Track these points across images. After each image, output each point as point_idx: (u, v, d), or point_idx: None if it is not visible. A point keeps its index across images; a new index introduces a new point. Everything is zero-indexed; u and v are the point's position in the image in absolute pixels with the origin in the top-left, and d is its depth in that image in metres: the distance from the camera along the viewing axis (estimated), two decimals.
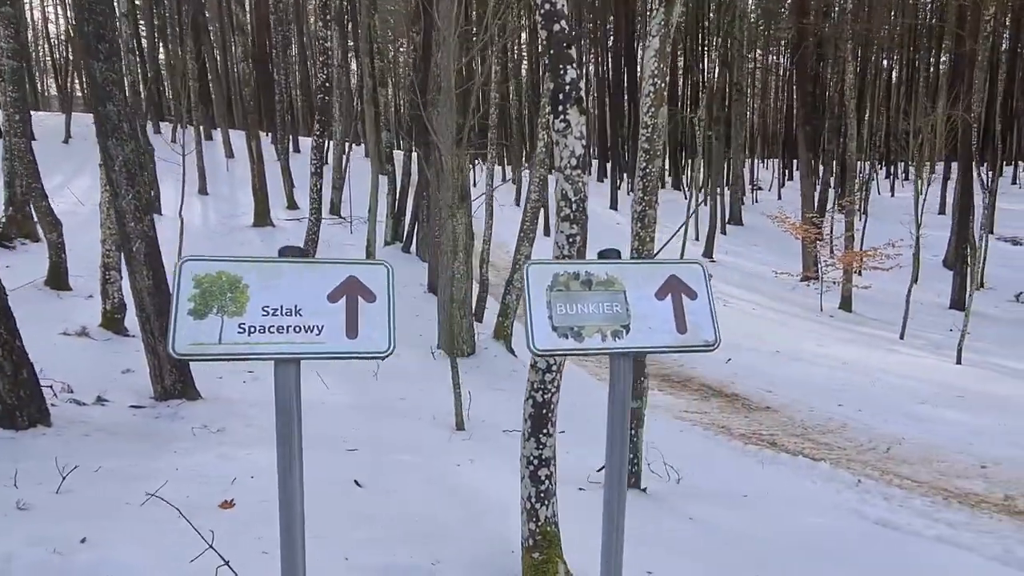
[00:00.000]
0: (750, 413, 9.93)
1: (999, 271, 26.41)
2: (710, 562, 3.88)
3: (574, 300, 2.12)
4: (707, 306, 2.21)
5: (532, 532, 3.23)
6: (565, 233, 3.17)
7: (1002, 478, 7.05)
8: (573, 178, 3.15)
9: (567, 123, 3.13)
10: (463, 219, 9.96)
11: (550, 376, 3.20)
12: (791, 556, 4.23)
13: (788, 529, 4.80)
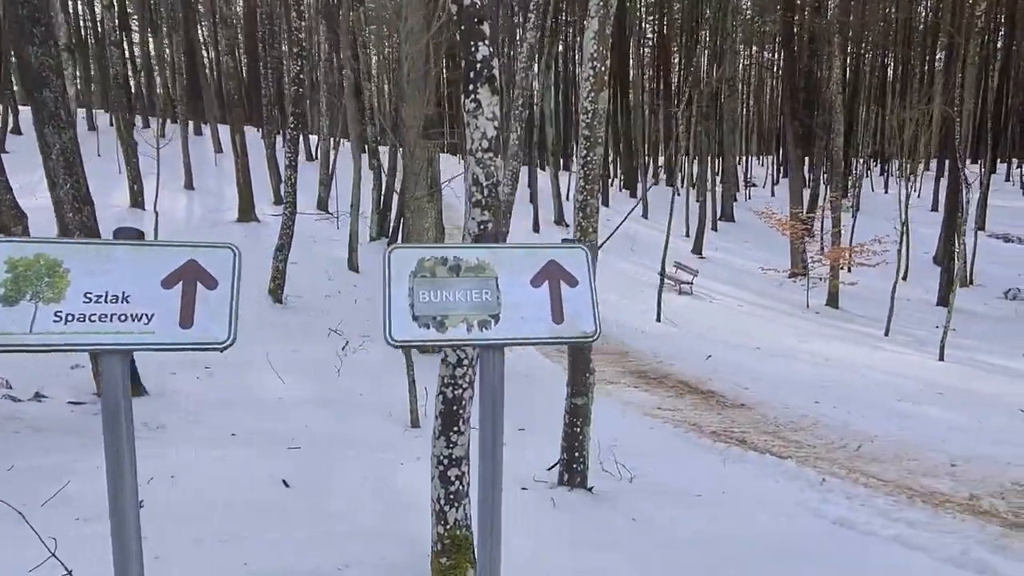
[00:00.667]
0: (724, 410, 9.77)
1: (990, 268, 26.29)
2: (645, 563, 3.72)
3: (439, 287, 1.95)
4: (588, 294, 2.05)
5: (440, 536, 3.07)
6: (476, 220, 3.00)
7: (971, 477, 6.89)
8: (485, 161, 2.98)
9: (478, 103, 2.96)
10: (432, 212, 9.78)
11: (461, 371, 3.04)
12: (734, 556, 4.08)
13: (738, 528, 4.64)
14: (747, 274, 23.50)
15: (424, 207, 9.74)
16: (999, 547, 4.99)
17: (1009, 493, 6.41)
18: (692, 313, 17.50)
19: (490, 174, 2.99)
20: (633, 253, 26.40)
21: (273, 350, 9.21)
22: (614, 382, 11.33)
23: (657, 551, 3.93)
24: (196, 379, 7.26)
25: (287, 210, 12.88)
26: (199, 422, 5.83)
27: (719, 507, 5.16)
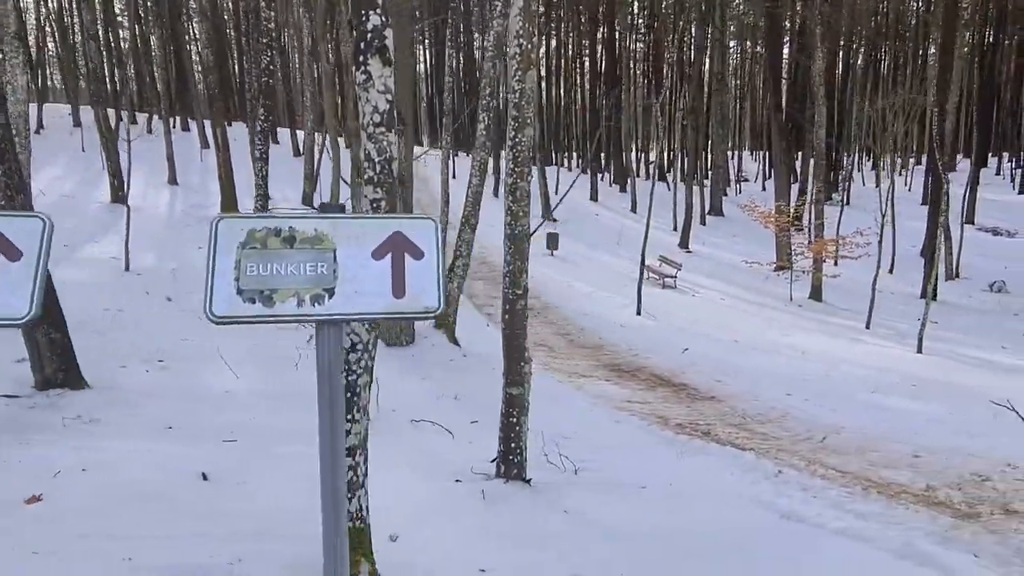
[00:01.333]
0: (693, 403, 9.66)
1: (977, 261, 26.21)
2: (566, 557, 3.60)
3: (270, 259, 1.82)
4: (434, 268, 1.92)
5: None
6: (369, 198, 2.87)
7: (931, 468, 6.79)
8: (376, 136, 2.85)
9: (368, 75, 2.83)
10: (399, 205, 9.62)
11: (355, 356, 2.91)
12: (664, 550, 3.96)
13: (675, 522, 4.52)
14: (733, 268, 23.40)
15: None
16: (946, 539, 4.89)
17: (967, 484, 6.31)
18: (673, 307, 17.38)
19: (383, 150, 2.86)
20: (619, 247, 26.29)
21: (234, 343, 9.06)
22: (586, 375, 11.21)
23: (582, 545, 3.81)
24: (146, 372, 7.12)
25: (258, 203, 12.76)
26: (137, 415, 5.70)
27: (662, 500, 5.05)
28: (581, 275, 21.38)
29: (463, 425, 6.65)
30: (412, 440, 5.92)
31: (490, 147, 10.29)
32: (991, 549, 4.75)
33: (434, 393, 7.83)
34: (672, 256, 24.73)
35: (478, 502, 4.29)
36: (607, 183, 42.97)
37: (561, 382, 10.58)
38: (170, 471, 4.32)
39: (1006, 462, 6.73)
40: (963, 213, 25.88)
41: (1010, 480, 6.37)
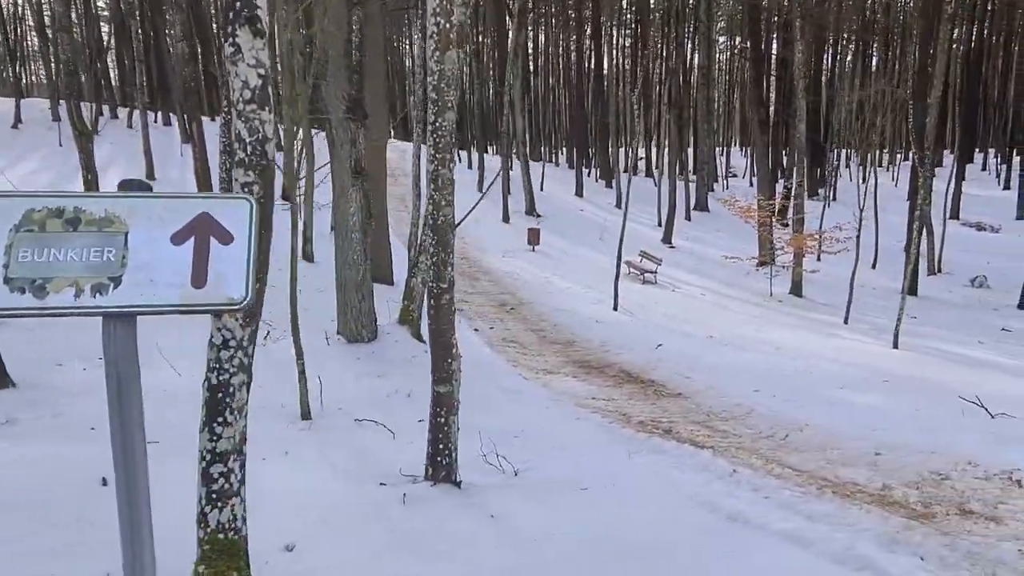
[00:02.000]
0: (659, 400, 9.48)
1: (960, 256, 26.15)
2: (472, 568, 3.40)
3: (47, 244, 1.61)
4: (244, 254, 1.70)
5: (200, 540, 2.73)
6: (240, 181, 2.64)
7: (891, 466, 6.61)
8: (247, 114, 2.64)
9: (237, 47, 2.62)
10: (357, 196, 9.40)
11: (227, 353, 2.69)
12: (585, 556, 3.76)
13: (607, 525, 4.33)
14: (715, 263, 23.25)
15: (349, 192, 9.36)
16: (894, 541, 4.71)
17: (925, 483, 6.14)
18: (651, 302, 17.22)
19: (254, 129, 2.64)
20: (602, 243, 26.05)
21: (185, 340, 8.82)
22: (554, 372, 11.02)
23: (496, 552, 3.61)
24: (83, 371, 6.88)
25: None
26: (61, 415, 5.46)
27: (601, 502, 4.85)
28: (561, 270, 21.18)
29: (409, 424, 6.44)
30: (349, 440, 5.71)
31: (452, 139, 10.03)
32: (939, 552, 4.58)
33: (387, 391, 7.62)
34: (655, 251, 24.56)
35: (396, 507, 4.08)
36: (594, 179, 42.82)
37: (527, 379, 10.38)
38: (74, 476, 4.09)
39: (968, 460, 6.56)
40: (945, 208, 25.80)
41: (969, 479, 6.20)
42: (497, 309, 16.07)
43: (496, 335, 13.64)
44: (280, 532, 3.43)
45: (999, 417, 8.64)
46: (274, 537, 3.35)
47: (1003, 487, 5.97)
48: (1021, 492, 5.85)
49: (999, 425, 8.29)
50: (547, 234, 26.62)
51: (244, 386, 2.82)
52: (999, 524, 5.22)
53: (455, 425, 4.66)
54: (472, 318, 15.19)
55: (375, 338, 9.95)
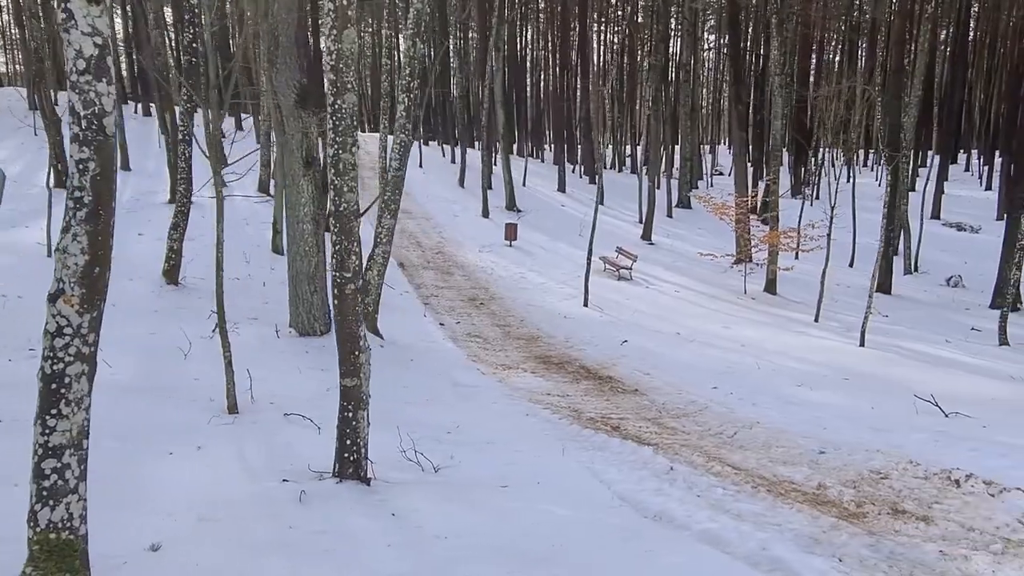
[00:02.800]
0: (615, 396, 9.36)
1: (939, 255, 26.18)
2: (362, 568, 3.25)
3: None
4: None
5: (29, 540, 2.57)
6: (75, 158, 2.48)
7: (833, 464, 6.52)
8: (81, 86, 2.47)
9: (70, 13, 2.45)
10: (308, 187, 9.22)
11: (62, 341, 2.53)
12: (487, 559, 3.62)
13: (518, 527, 4.19)
14: (692, 261, 23.13)
15: (300, 183, 9.18)
16: (816, 541, 4.60)
17: (863, 482, 6.04)
18: (623, 298, 17.10)
19: (89, 102, 2.48)
20: (581, 238, 25.84)
21: (130, 332, 8.66)
22: (513, 367, 10.89)
23: (390, 551, 3.47)
24: (8, 361, 6.69)
25: (181, 187, 12.29)
26: None
27: (520, 501, 4.71)
28: (537, 266, 21.05)
29: None
30: (271, 435, 5.55)
31: (411, 129, 9.87)
32: (861, 553, 4.47)
33: (329, 385, 7.39)
34: (635, 248, 24.44)
35: (290, 505, 3.93)
36: (578, 174, 42.68)
37: (484, 374, 10.25)
38: None
39: (909, 459, 6.47)
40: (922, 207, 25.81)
41: (908, 478, 6.11)
42: (467, 303, 15.93)
43: (461, 329, 13.49)
44: (154, 531, 3.28)
45: (953, 416, 8.59)
46: (143, 536, 3.19)
47: (941, 487, 5.88)
48: (958, 492, 5.76)
49: (951, 424, 8.23)
50: (526, 229, 26.46)
51: (84, 376, 2.66)
52: (929, 524, 5.13)
53: (364, 420, 4.50)
54: (440, 312, 15.04)
55: (328, 331, 9.76)
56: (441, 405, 7.37)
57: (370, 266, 10.24)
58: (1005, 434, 7.85)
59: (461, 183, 33.02)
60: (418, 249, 22.69)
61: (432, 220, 27.04)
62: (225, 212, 11.36)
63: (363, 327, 4.49)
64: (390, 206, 10.04)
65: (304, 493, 4.05)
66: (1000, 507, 5.43)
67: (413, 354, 10.27)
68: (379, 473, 4.74)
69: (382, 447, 5.24)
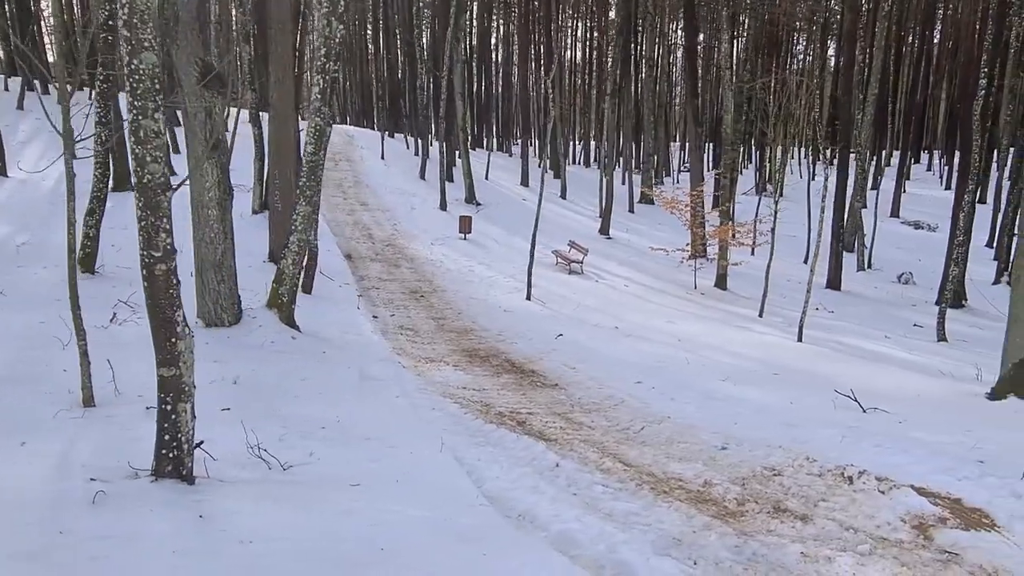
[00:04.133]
0: (532, 390, 9.08)
1: (894, 253, 26.35)
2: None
3: None
4: None
5: None
6: None
7: (731, 460, 6.29)
8: None
9: None
10: (214, 171, 8.81)
11: None
12: (293, 566, 3.30)
13: (350, 527, 3.88)
14: (648, 256, 22.96)
15: (204, 166, 8.77)
16: (676, 543, 4.35)
17: (754, 479, 5.81)
18: (569, 292, 16.85)
19: None
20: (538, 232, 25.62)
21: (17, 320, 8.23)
22: (436, 360, 10.57)
23: (176, 558, 3.13)
24: None
25: (97, 171, 11.77)
26: None
27: (365, 500, 4.40)
28: (488, 259, 20.73)
29: (209, 414, 5.89)
30: (120, 430, 5.17)
31: (327, 113, 9.48)
32: (720, 555, 4.23)
33: (214, 377, 7.04)
34: (593, 243, 24.26)
35: (78, 507, 3.58)
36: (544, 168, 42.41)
37: (405, 367, 9.92)
38: None
39: (807, 455, 6.25)
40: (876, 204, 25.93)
41: (802, 475, 5.89)
42: (407, 296, 15.57)
43: (395, 322, 13.15)
44: None
45: (871, 412, 8.42)
46: None
47: (832, 484, 5.67)
48: (848, 489, 5.55)
49: (866, 420, 8.05)
50: (484, 223, 26.15)
51: None
52: (806, 523, 4.91)
53: (187, 413, 4.15)
54: (377, 305, 14.67)
55: (237, 322, 9.37)
56: (335, 399, 7.02)
57: (284, 255, 9.85)
58: (920, 430, 7.69)
59: (422, 175, 32.60)
60: (369, 241, 22.27)
61: (388, 212, 26.61)
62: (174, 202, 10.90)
63: (180, 312, 4.13)
64: (305, 192, 9.64)
65: (102, 494, 3.69)
66: (886, 505, 5.22)
67: (330, 347, 9.89)
68: (216, 471, 4.40)
69: (235, 442, 4.91)
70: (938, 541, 4.70)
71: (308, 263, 14.24)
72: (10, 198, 19.08)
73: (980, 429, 7.86)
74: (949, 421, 8.15)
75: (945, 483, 5.70)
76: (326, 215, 25.70)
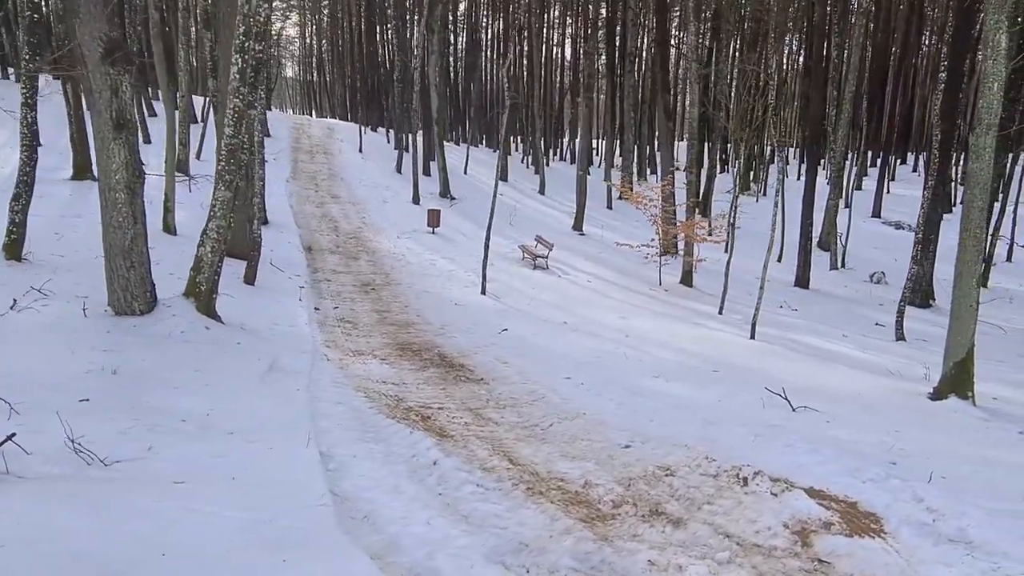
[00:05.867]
0: (454, 385, 8.73)
1: (871, 252, 26.04)
2: None
3: None
4: None
5: None
6: None
7: (626, 459, 5.95)
8: None
9: None
10: (121, 152, 8.42)
11: None
12: (28, 570, 2.93)
13: (136, 530, 3.52)
14: (616, 252, 22.58)
15: (111, 147, 8.38)
16: (520, 548, 4.02)
17: (643, 479, 5.46)
18: (528, 287, 16.50)
19: None
20: (511, 227, 25.26)
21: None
22: (365, 353, 10.21)
23: None
24: None
25: (24, 154, 11.36)
26: None
27: (177, 500, 4.03)
28: (452, 253, 20.34)
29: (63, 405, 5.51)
30: None
31: (247, 93, 9.10)
32: (561, 563, 3.89)
33: (93, 367, 6.67)
34: (564, 238, 23.93)
35: None
36: (526, 164, 42.08)
37: (329, 360, 9.57)
38: None
39: (709, 455, 5.91)
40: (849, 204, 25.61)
41: (696, 476, 5.54)
42: (357, 289, 15.19)
43: (336, 315, 12.78)
44: None
45: (800, 411, 8.09)
46: None
47: (723, 485, 5.32)
48: (738, 491, 5.20)
49: (791, 419, 7.73)
50: (455, 217, 25.81)
51: None
52: (677, 528, 4.56)
53: None
54: (323, 297, 14.30)
55: (150, 311, 8.97)
56: (223, 391, 6.64)
57: (202, 242, 9.46)
58: (843, 429, 7.37)
59: (399, 169, 32.19)
60: (333, 234, 21.88)
61: (359, 205, 26.22)
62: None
63: None
64: (224, 177, 9.27)
65: None
66: (773, 508, 4.88)
67: (250, 338, 9.52)
68: (24, 467, 4.04)
69: (55, 437, 4.53)
70: (816, 548, 4.35)
71: (251, 253, 13.86)
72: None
73: (907, 429, 7.55)
74: (879, 421, 7.83)
75: (846, 485, 5.37)
76: (294, 207, 25.31)
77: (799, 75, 35.03)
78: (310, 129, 41.06)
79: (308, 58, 68.42)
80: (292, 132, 38.58)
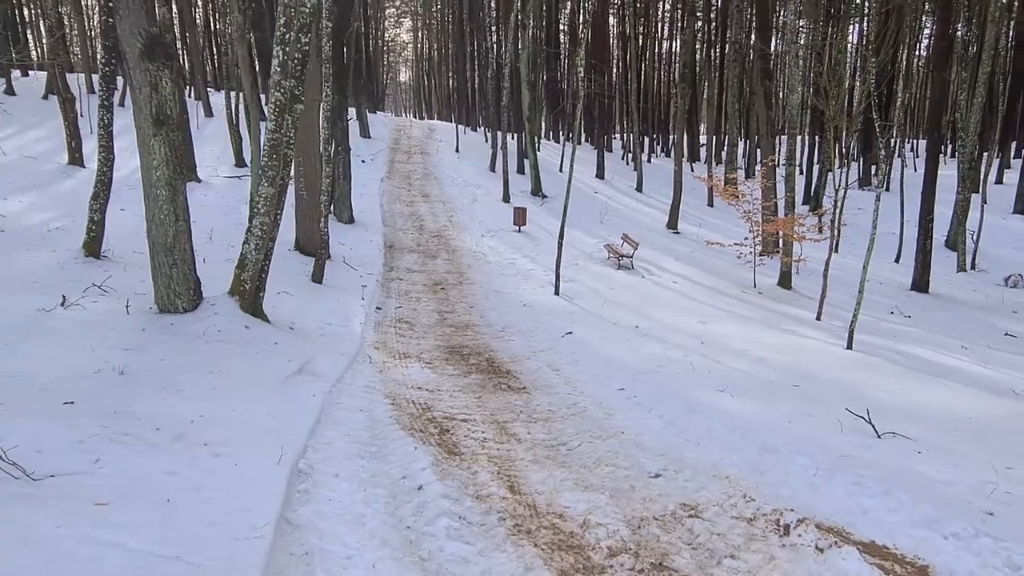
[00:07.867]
0: (492, 394, 8.08)
1: (1010, 253, 23.18)
2: None
3: None
4: None
5: None
6: None
7: (649, 493, 5.06)
8: None
9: None
10: (162, 148, 8.35)
11: None
12: None
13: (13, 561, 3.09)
14: (712, 251, 21.14)
15: (151, 143, 8.33)
16: None
17: (656, 521, 4.58)
18: (607, 288, 15.58)
19: None
20: (602, 225, 24.33)
21: None
22: (411, 356, 9.76)
23: None
24: None
25: (101, 155, 11.73)
26: None
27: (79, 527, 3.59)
28: (535, 252, 19.70)
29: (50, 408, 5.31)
30: None
31: (288, 87, 8.83)
32: None
33: (101, 367, 6.50)
34: (658, 237, 22.81)
35: None
36: (625, 161, 40.77)
37: (373, 362, 9.18)
38: None
39: (748, 492, 4.93)
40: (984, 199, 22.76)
41: (726, 518, 4.60)
42: (427, 288, 14.86)
43: (396, 315, 12.45)
44: None
45: (886, 437, 6.85)
46: None
47: (757, 533, 4.37)
48: (774, 541, 4.24)
49: (874, 447, 6.55)
50: (544, 215, 25.18)
51: None
52: None
53: None
54: (390, 296, 14.05)
55: (194, 308, 8.89)
56: (229, 396, 6.30)
57: (246, 239, 9.30)
58: (934, 465, 6.11)
59: (492, 168, 31.88)
60: (417, 232, 21.79)
61: (448, 204, 26.09)
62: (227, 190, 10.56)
63: None
64: (267, 173, 9.07)
65: None
66: (811, 568, 3.91)
67: (292, 338, 9.28)
68: None
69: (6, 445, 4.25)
70: None
71: (319, 252, 13.80)
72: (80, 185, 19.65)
73: (1022, 467, 6.17)
74: (985, 454, 6.46)
75: (920, 541, 4.29)
76: (384, 206, 25.51)
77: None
78: (411, 130, 41.62)
79: (420, 62, 69.86)
80: (393, 133, 39.20)
